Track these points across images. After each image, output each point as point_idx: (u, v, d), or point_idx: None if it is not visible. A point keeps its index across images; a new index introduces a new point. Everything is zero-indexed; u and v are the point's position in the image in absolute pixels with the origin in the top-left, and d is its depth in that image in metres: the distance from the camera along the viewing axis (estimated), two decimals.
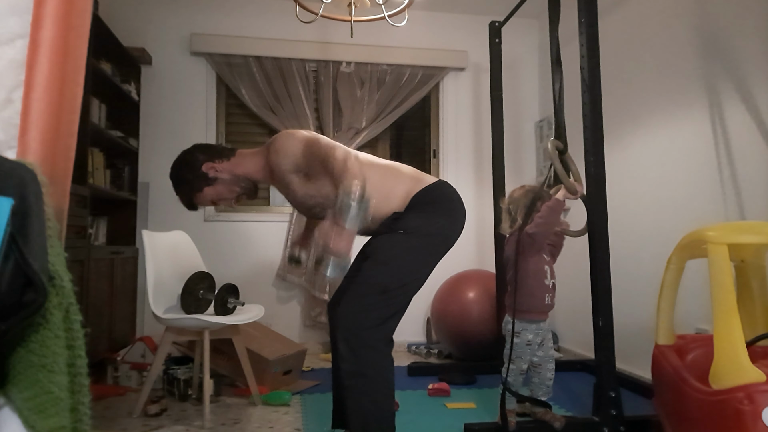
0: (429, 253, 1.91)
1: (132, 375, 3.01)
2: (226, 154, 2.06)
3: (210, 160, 2.03)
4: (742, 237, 1.88)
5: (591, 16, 2.39)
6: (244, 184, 2.08)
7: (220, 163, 2.04)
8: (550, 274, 2.33)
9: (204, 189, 2.05)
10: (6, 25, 1.12)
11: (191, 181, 2.04)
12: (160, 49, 3.99)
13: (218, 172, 2.04)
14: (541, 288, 2.29)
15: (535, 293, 2.29)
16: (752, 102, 2.46)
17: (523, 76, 4.46)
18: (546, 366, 2.30)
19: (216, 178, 2.04)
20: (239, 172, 2.06)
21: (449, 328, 3.57)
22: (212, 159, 2.04)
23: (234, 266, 3.96)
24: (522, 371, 2.27)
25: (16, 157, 1.10)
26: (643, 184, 3.17)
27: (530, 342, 2.27)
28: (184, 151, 2.09)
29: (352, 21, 2.94)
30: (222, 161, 2.04)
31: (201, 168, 2.02)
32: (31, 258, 0.94)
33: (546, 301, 2.31)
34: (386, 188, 1.94)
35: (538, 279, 2.30)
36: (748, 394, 1.59)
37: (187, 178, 2.05)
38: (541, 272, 2.30)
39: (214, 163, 2.03)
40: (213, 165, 2.03)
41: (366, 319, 1.78)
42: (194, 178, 2.03)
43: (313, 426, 2.38)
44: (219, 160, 2.04)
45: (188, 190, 2.07)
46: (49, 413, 0.95)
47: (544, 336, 2.31)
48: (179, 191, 2.09)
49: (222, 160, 2.05)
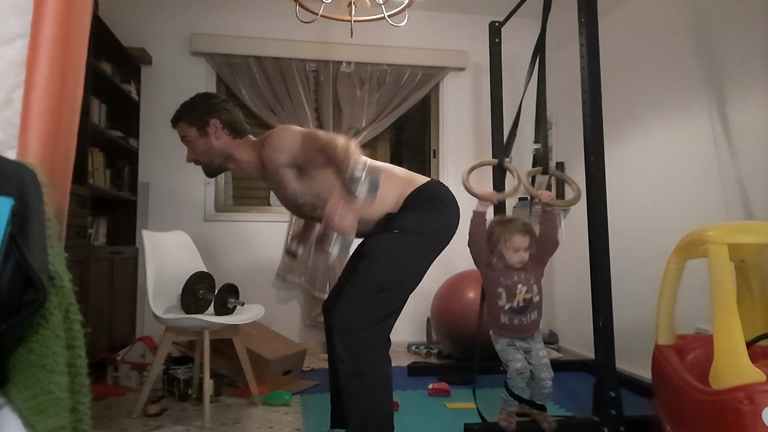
0: (425, 251, 1.92)
1: (132, 375, 3.00)
2: (237, 131, 2.07)
3: (221, 121, 2.04)
4: (742, 237, 1.89)
5: (591, 16, 2.39)
6: (218, 162, 2.09)
7: (224, 133, 2.05)
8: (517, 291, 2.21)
9: (193, 128, 2.06)
10: (6, 25, 1.12)
11: (192, 115, 2.06)
12: (160, 49, 3.99)
13: (215, 136, 2.05)
14: (495, 308, 2.24)
15: (492, 311, 2.26)
16: (752, 101, 2.46)
17: (523, 76, 4.44)
18: (540, 374, 2.22)
19: (206, 135, 2.05)
20: (229, 152, 2.07)
21: (449, 328, 3.57)
22: (224, 124, 2.05)
23: (234, 266, 3.96)
24: (519, 371, 2.21)
25: (16, 157, 1.10)
26: (643, 184, 3.17)
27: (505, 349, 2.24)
28: (216, 95, 2.15)
29: (352, 21, 2.94)
30: (227, 133, 2.06)
31: (209, 117, 2.04)
32: (31, 258, 0.94)
33: (502, 321, 2.22)
34: (380, 190, 1.94)
35: (492, 299, 2.25)
36: (748, 394, 1.59)
37: (194, 111, 2.06)
38: (494, 294, 2.23)
39: (220, 128, 2.05)
40: (217, 126, 2.04)
41: (363, 319, 1.78)
42: (196, 117, 2.05)
43: (313, 426, 2.38)
44: (226, 130, 2.06)
45: (186, 118, 2.07)
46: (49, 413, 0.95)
47: (529, 347, 2.25)
48: (181, 109, 2.10)
49: (229, 131, 2.06)
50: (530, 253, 2.24)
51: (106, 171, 3.54)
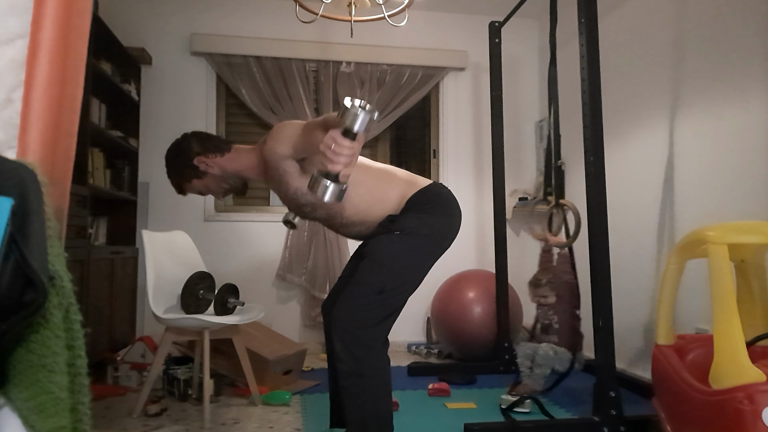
0: (426, 253, 1.91)
1: (132, 375, 3.00)
2: (221, 149, 2.05)
3: (203, 153, 2.03)
4: (742, 237, 1.89)
5: (591, 16, 2.39)
6: (232, 182, 2.08)
7: (213, 158, 2.03)
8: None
9: (193, 180, 2.06)
10: (6, 25, 1.12)
11: (182, 170, 2.05)
12: (160, 49, 3.99)
13: (209, 166, 2.03)
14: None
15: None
16: (752, 101, 2.46)
17: (523, 76, 4.46)
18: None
19: (206, 173, 2.04)
20: (230, 168, 2.05)
21: (449, 328, 3.57)
22: (206, 153, 2.03)
23: (234, 266, 3.96)
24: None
25: (16, 157, 1.10)
26: (643, 184, 3.17)
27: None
28: (180, 137, 2.09)
29: (352, 21, 2.94)
30: (215, 156, 2.03)
31: (193, 160, 2.02)
32: (31, 258, 0.94)
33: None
34: (381, 192, 1.94)
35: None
36: (748, 394, 1.59)
37: (178, 166, 2.06)
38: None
39: (206, 157, 2.03)
40: (205, 159, 2.02)
41: (363, 319, 1.78)
42: (185, 168, 2.04)
43: (313, 426, 2.38)
44: (212, 155, 2.03)
45: (178, 177, 2.08)
46: (49, 413, 0.95)
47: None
48: (170, 175, 2.10)
49: (215, 154, 2.04)
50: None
51: (106, 171, 3.54)
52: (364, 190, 1.92)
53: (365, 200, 1.92)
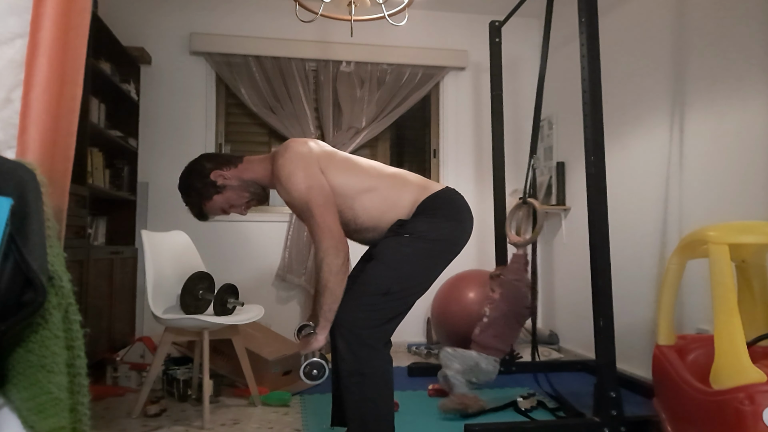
0: (435, 257, 1.91)
1: (131, 375, 3.00)
2: (234, 161, 2.04)
3: (218, 167, 2.01)
4: (742, 237, 1.88)
5: (591, 16, 2.38)
6: (253, 189, 2.05)
7: (228, 170, 2.02)
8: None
9: (213, 197, 2.03)
10: (5, 25, 1.11)
11: (200, 189, 2.02)
12: (160, 48, 3.98)
13: (227, 179, 2.01)
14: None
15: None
16: (753, 101, 2.46)
17: (524, 76, 4.46)
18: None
19: (225, 186, 2.01)
20: (248, 177, 2.03)
21: (449, 328, 3.57)
22: (220, 167, 2.01)
23: (234, 266, 3.95)
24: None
25: (16, 156, 1.10)
26: (643, 184, 3.17)
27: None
28: (191, 162, 2.07)
29: (352, 20, 2.94)
30: (229, 168, 2.02)
31: (209, 176, 2.00)
32: (30, 258, 0.94)
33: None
34: (394, 197, 1.93)
35: None
36: (749, 395, 1.59)
37: (195, 186, 2.02)
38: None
39: (221, 170, 2.01)
40: (221, 172, 2.01)
41: (366, 320, 1.78)
42: (203, 186, 2.01)
43: (313, 426, 2.38)
44: (227, 168, 2.02)
45: (198, 199, 2.04)
46: (49, 413, 0.95)
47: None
48: (189, 201, 2.06)
49: (229, 167, 2.02)
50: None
51: (105, 171, 3.53)
52: (378, 197, 1.92)
53: (379, 206, 1.92)
